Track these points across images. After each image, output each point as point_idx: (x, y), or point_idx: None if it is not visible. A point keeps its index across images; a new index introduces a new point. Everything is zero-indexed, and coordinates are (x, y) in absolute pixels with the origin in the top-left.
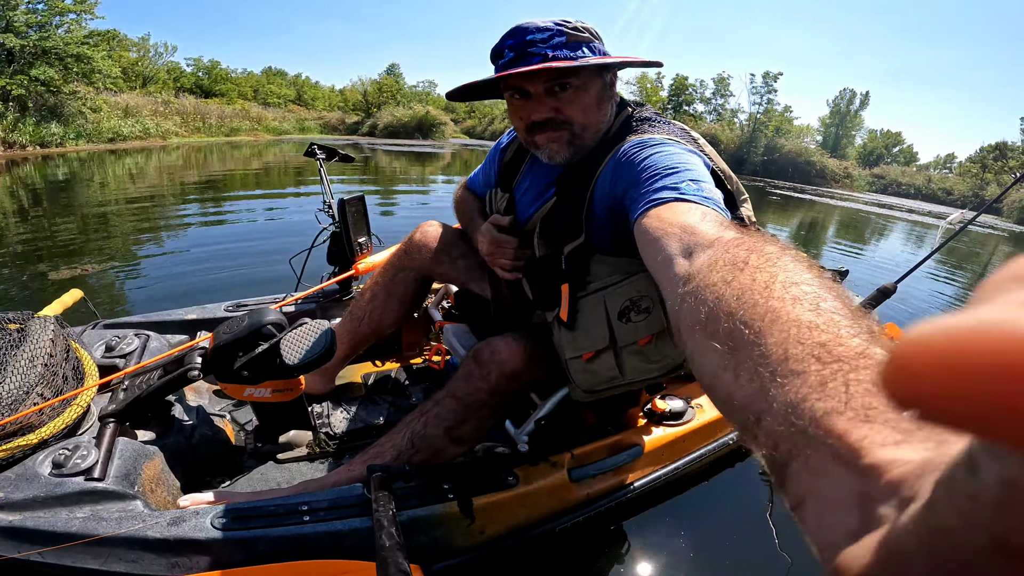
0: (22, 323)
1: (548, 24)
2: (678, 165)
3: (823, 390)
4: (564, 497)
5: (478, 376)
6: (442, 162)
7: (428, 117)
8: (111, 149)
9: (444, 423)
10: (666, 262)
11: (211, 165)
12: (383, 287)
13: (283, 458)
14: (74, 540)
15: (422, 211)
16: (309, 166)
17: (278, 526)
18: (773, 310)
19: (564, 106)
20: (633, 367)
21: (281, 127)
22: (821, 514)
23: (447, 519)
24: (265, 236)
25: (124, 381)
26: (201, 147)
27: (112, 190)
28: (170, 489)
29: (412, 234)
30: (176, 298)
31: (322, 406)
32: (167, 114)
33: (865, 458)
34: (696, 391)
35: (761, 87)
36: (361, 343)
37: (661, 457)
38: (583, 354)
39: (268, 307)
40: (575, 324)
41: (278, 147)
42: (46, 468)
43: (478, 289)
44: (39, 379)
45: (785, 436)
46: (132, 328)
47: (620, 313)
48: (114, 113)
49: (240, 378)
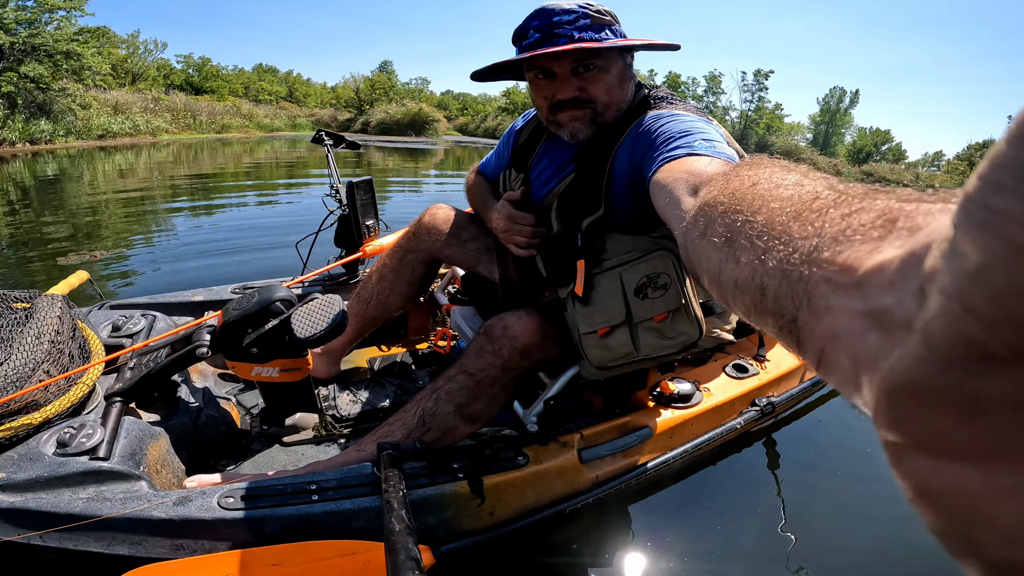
0: (29, 301)
1: (573, 6)
2: (691, 129)
3: (805, 237)
4: (574, 478)
5: (490, 351)
6: (435, 159)
7: (421, 114)
8: (101, 146)
9: (456, 399)
10: (674, 203)
11: (203, 162)
12: (391, 269)
13: (289, 441)
14: (77, 521)
15: (416, 203)
16: (301, 162)
17: (286, 505)
18: (760, 195)
19: (588, 85)
20: (648, 343)
21: (272, 124)
22: (843, 354)
23: (456, 499)
24: (267, 227)
25: (131, 360)
26: (191, 144)
27: (104, 186)
28: (175, 471)
29: (421, 216)
30: (181, 285)
31: (328, 389)
32: (157, 111)
33: (857, 271)
34: (704, 375)
35: (752, 85)
36: (368, 325)
37: (670, 439)
38: (598, 329)
39: (278, 284)
40: (590, 299)
41: (269, 144)
42: (50, 448)
43: (486, 272)
44: (45, 356)
45: (785, 294)
46: (139, 309)
47: (637, 289)
48: (104, 110)
49: (249, 356)
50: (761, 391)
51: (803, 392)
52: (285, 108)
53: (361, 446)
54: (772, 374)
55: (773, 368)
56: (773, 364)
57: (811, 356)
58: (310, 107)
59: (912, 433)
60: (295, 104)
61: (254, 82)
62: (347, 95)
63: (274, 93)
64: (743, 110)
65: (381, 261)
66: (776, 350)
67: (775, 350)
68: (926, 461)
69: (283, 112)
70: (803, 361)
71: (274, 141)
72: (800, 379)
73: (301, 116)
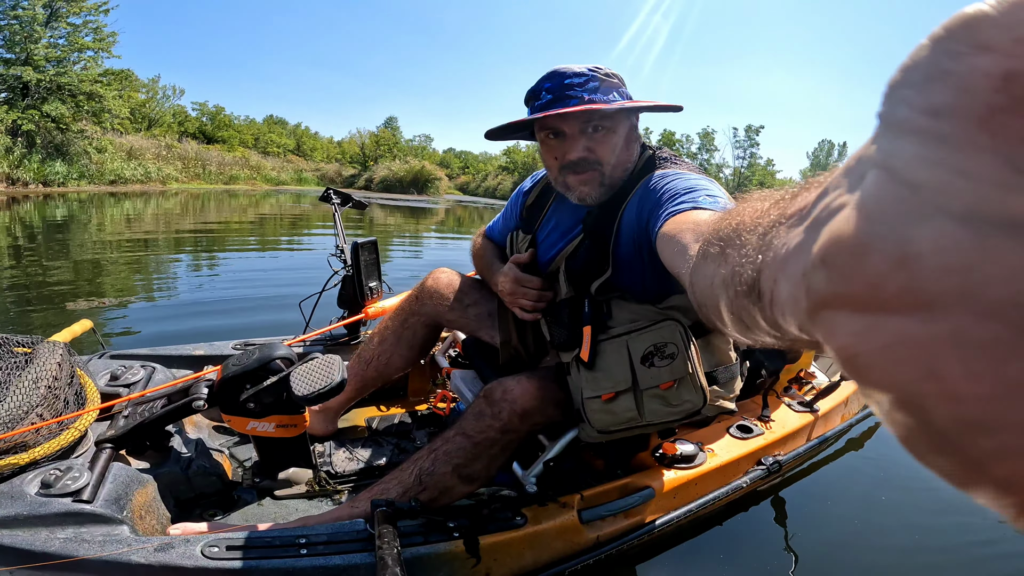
0: (31, 347)
1: (583, 70)
2: (695, 186)
3: (771, 218)
4: (573, 539)
5: (490, 414)
6: (436, 218)
7: (423, 172)
8: (111, 192)
9: (454, 460)
10: (680, 251)
11: (209, 213)
12: (393, 331)
13: (281, 494)
14: (50, 560)
15: (417, 265)
16: (304, 216)
17: (273, 558)
18: (749, 205)
19: (596, 146)
20: (652, 410)
21: (279, 177)
22: (790, 271)
23: (451, 559)
24: (272, 283)
25: (126, 409)
26: (199, 194)
27: (111, 233)
28: (160, 519)
29: (424, 280)
30: (183, 338)
31: (324, 445)
32: (169, 158)
33: (795, 212)
34: (707, 436)
35: (744, 141)
36: (368, 386)
37: (673, 500)
38: (602, 394)
39: (279, 342)
40: (596, 365)
41: (275, 197)
42: (33, 487)
43: (487, 337)
44: (40, 400)
45: (751, 265)
46: (138, 360)
47: (644, 358)
48: (118, 154)
49: (245, 411)
50: (767, 450)
51: (810, 451)
52: (292, 161)
53: (355, 502)
54: (778, 433)
55: (778, 428)
56: (778, 424)
57: (769, 304)
58: (316, 161)
59: (849, 290)
60: (301, 157)
61: (264, 133)
62: (352, 150)
63: (282, 145)
64: (736, 167)
65: (383, 323)
66: (781, 411)
67: (780, 411)
68: (862, 319)
69: (289, 165)
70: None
71: (279, 195)
72: (807, 437)
73: (307, 170)
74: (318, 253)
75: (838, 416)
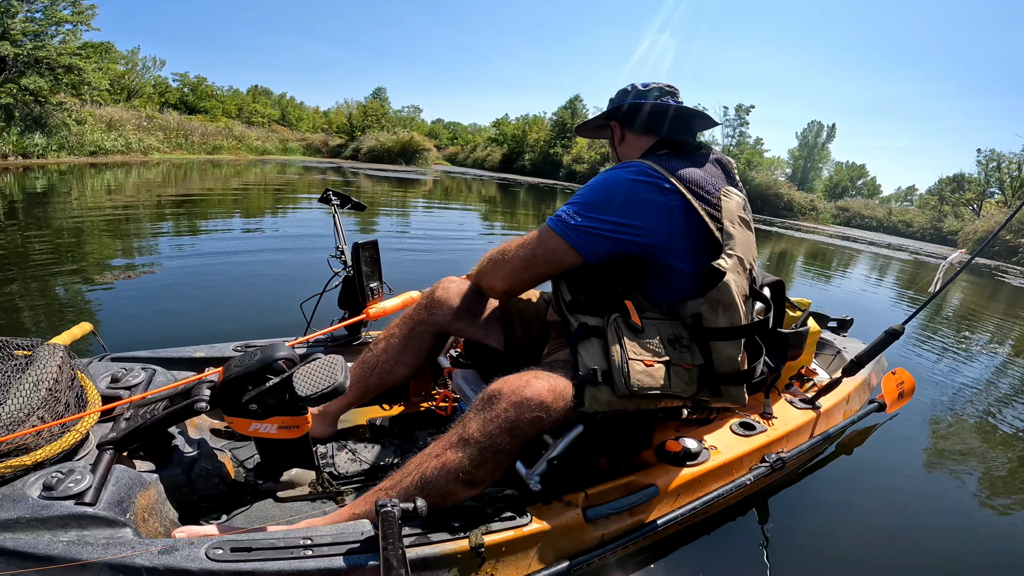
0: (31, 349)
1: (639, 85)
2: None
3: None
4: (579, 537)
5: (494, 415)
6: (424, 188)
7: (412, 142)
8: (92, 163)
9: (457, 463)
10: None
11: (191, 183)
12: (399, 339)
13: (284, 496)
14: (54, 563)
15: (403, 241)
16: (290, 186)
17: (277, 559)
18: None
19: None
20: (677, 386)
21: (263, 147)
22: None
23: (456, 558)
24: (273, 282)
25: (127, 411)
26: (182, 164)
27: (91, 207)
28: (163, 521)
29: (433, 290)
30: (183, 340)
31: (327, 447)
32: (150, 129)
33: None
34: (707, 434)
35: (734, 120)
36: (370, 391)
37: (677, 498)
38: (645, 360)
39: (281, 343)
40: (644, 331)
41: (259, 168)
42: (35, 490)
43: (495, 344)
44: (41, 403)
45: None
46: (139, 362)
47: (671, 340)
48: (98, 126)
49: (247, 412)
50: (770, 447)
51: (813, 447)
52: (277, 131)
53: (358, 504)
54: (780, 430)
55: (781, 424)
56: (781, 421)
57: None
58: (302, 131)
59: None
60: (287, 127)
61: (248, 103)
62: (339, 121)
63: (267, 115)
64: (725, 145)
65: (389, 331)
66: (783, 407)
67: (782, 408)
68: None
69: (275, 135)
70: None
71: (264, 165)
72: (810, 434)
73: (292, 140)
74: (318, 254)
75: (840, 413)
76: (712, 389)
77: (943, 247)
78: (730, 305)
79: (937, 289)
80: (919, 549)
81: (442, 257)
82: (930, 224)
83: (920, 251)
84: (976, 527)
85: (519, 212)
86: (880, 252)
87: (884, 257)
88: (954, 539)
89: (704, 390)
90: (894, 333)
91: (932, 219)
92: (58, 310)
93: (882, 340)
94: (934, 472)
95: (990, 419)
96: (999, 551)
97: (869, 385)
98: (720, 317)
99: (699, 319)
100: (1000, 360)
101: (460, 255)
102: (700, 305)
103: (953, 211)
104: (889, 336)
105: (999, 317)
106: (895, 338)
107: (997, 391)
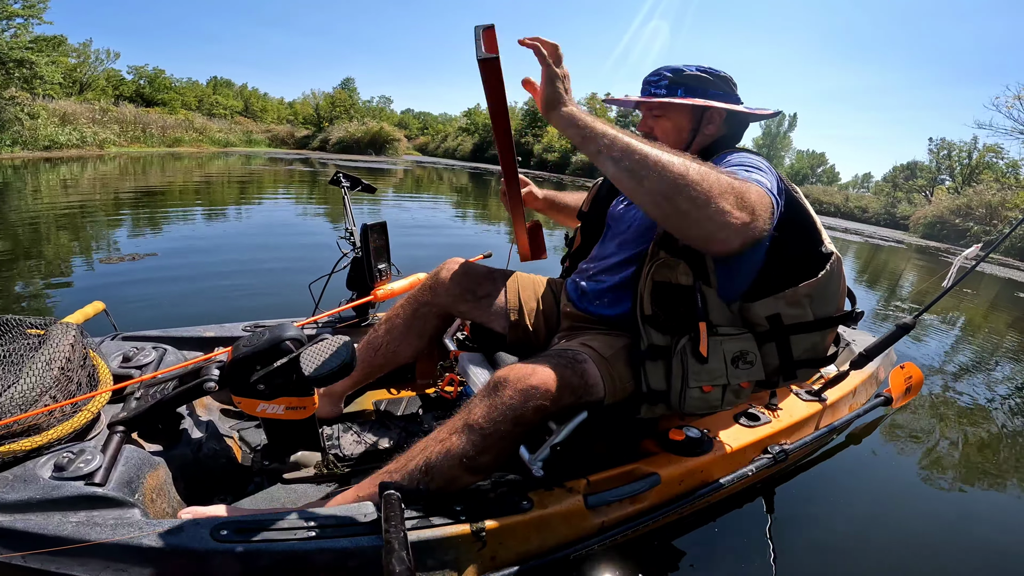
0: (43, 328)
1: (663, 71)
2: (744, 162)
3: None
4: (579, 524)
5: (499, 402)
6: (394, 179)
7: (382, 133)
8: (46, 157)
9: (462, 450)
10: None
11: (151, 176)
12: (403, 320)
13: (290, 477)
14: (63, 544)
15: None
16: (255, 178)
17: (282, 540)
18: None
19: (655, 125)
20: (729, 400)
21: (226, 139)
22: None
23: (457, 542)
24: (281, 265)
25: (138, 391)
26: (140, 158)
27: (47, 201)
28: (171, 501)
29: (438, 271)
30: (194, 320)
31: (333, 428)
32: (105, 122)
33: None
34: (714, 423)
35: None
36: (374, 372)
37: (679, 487)
38: (704, 386)
39: (289, 323)
40: (708, 360)
41: (223, 159)
42: (46, 471)
43: (499, 328)
44: (54, 382)
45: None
46: (150, 341)
47: (733, 359)
48: (51, 120)
49: (256, 392)
50: (774, 439)
51: (818, 440)
52: (240, 123)
53: (362, 486)
54: (785, 422)
55: (786, 416)
56: (786, 412)
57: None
58: (267, 123)
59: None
60: (251, 119)
61: (208, 95)
62: (306, 111)
63: (229, 107)
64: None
65: (394, 311)
66: (788, 399)
67: (787, 399)
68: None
69: (238, 127)
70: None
71: (228, 157)
72: (815, 426)
73: (257, 132)
74: (327, 236)
75: (845, 406)
76: (787, 374)
77: (895, 231)
78: (834, 294)
79: (950, 284)
80: (922, 542)
81: (443, 241)
82: (884, 210)
83: (874, 235)
84: (980, 520)
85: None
86: (836, 236)
87: (841, 241)
88: (958, 532)
89: (777, 377)
90: (905, 327)
91: (886, 205)
92: (68, 291)
93: (892, 334)
94: (939, 466)
95: (995, 413)
96: (1003, 544)
97: (877, 379)
98: (807, 311)
99: (777, 319)
100: (1009, 355)
101: (465, 239)
102: (779, 304)
103: (906, 197)
104: (900, 330)
105: (1006, 311)
106: (905, 332)
107: (1004, 386)
